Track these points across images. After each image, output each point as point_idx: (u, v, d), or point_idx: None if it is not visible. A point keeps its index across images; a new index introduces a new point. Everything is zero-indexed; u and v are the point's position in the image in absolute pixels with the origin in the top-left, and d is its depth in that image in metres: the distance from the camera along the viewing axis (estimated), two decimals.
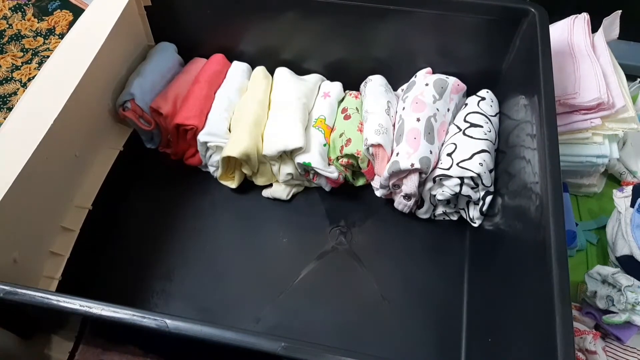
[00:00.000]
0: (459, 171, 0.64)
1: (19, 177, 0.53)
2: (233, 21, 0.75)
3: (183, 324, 0.41)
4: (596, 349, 0.58)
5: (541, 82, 0.56)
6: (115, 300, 0.43)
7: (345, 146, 0.69)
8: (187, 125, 0.71)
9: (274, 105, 0.74)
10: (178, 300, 0.65)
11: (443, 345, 0.62)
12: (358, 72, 0.76)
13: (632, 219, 0.66)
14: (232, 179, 0.74)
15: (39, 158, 0.56)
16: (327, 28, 0.73)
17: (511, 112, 0.67)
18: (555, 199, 0.47)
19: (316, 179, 0.73)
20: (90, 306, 0.42)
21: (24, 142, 0.56)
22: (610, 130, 0.68)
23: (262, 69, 0.78)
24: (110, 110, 0.73)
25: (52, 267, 0.62)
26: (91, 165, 0.70)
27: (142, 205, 0.74)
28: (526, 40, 0.64)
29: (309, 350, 0.41)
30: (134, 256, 0.69)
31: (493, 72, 0.72)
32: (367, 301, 0.65)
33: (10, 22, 1.05)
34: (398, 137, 0.67)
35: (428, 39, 0.71)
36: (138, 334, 0.43)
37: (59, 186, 0.63)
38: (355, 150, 0.68)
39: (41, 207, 0.60)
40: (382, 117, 0.69)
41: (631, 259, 0.65)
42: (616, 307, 0.59)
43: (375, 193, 0.72)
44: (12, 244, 0.55)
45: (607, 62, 0.70)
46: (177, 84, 0.75)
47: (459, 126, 0.69)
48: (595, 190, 0.76)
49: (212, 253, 0.70)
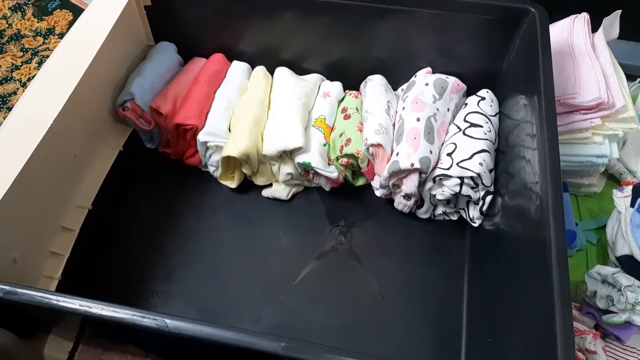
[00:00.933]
0: (458, 171, 0.64)
1: (19, 177, 0.53)
2: (233, 21, 0.75)
3: (183, 323, 0.41)
4: (596, 349, 0.58)
5: (541, 82, 0.56)
6: (115, 300, 0.43)
7: (345, 146, 0.69)
8: (187, 125, 0.71)
9: (274, 105, 0.74)
10: (178, 300, 0.65)
11: (443, 345, 0.62)
12: (358, 72, 0.76)
13: (632, 219, 0.66)
14: (232, 178, 0.74)
15: (39, 158, 0.56)
16: (327, 28, 0.73)
17: (511, 112, 0.67)
18: (555, 199, 0.47)
19: (316, 178, 0.73)
20: (90, 306, 0.42)
21: (24, 142, 0.56)
22: (610, 130, 0.68)
23: (262, 68, 0.78)
24: (110, 110, 0.73)
25: (52, 267, 0.62)
26: (91, 165, 0.70)
27: (142, 205, 0.74)
28: (526, 40, 0.64)
29: (309, 350, 0.41)
30: (134, 256, 0.69)
31: (493, 72, 0.72)
32: (367, 301, 0.65)
33: (10, 21, 1.05)
34: (398, 136, 0.67)
35: (428, 39, 0.71)
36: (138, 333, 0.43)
37: (59, 186, 0.63)
38: (355, 150, 0.68)
39: (41, 207, 0.60)
40: (382, 117, 0.69)
41: (631, 258, 0.65)
42: (616, 307, 0.59)
43: (375, 193, 0.72)
44: (12, 243, 0.55)
45: (607, 62, 0.70)
46: (177, 83, 0.75)
47: (459, 126, 0.69)
48: (595, 190, 0.76)
49: (212, 253, 0.69)
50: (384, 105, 0.70)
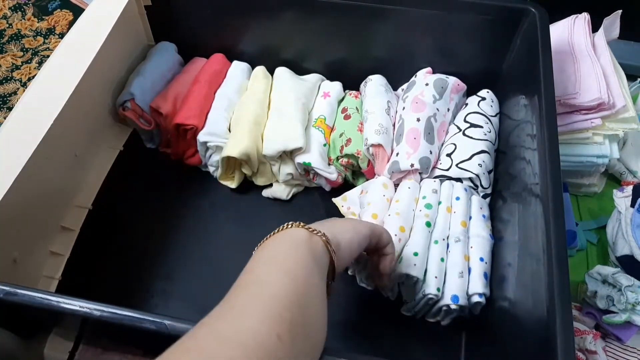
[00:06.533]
0: (457, 172, 0.64)
1: (19, 177, 0.53)
2: (233, 21, 0.75)
3: (183, 325, 0.41)
4: (596, 349, 0.58)
5: (541, 82, 0.56)
6: (115, 300, 0.43)
7: (345, 146, 0.69)
8: (187, 125, 0.71)
9: (274, 105, 0.74)
10: (178, 300, 0.65)
11: (443, 344, 0.62)
12: (358, 72, 0.76)
13: (632, 219, 0.65)
14: (232, 179, 0.74)
15: (39, 158, 0.56)
16: (327, 28, 0.72)
17: (511, 112, 0.67)
18: (555, 199, 0.47)
19: (316, 179, 0.73)
20: (90, 307, 0.42)
21: (24, 142, 0.56)
22: (611, 130, 0.68)
23: (262, 68, 0.78)
24: (110, 110, 0.73)
25: (52, 267, 0.62)
26: (91, 165, 0.70)
27: (142, 205, 0.74)
28: (526, 40, 0.64)
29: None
30: (134, 256, 0.69)
31: (493, 72, 0.72)
32: (367, 301, 0.65)
33: (10, 21, 1.05)
34: (398, 137, 0.67)
35: (428, 38, 0.71)
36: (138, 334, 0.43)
37: (59, 186, 0.63)
38: (355, 150, 0.68)
39: (41, 207, 0.60)
40: (382, 117, 0.68)
41: (631, 258, 0.64)
42: (616, 307, 0.59)
43: None
44: (12, 244, 0.55)
45: (607, 62, 0.70)
46: (177, 83, 0.75)
47: (459, 126, 0.69)
48: (595, 190, 0.76)
49: (212, 253, 0.69)
50: (384, 105, 0.70)
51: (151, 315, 0.42)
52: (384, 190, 0.65)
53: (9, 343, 0.53)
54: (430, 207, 0.61)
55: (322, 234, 0.43)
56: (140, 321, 0.42)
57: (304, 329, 0.36)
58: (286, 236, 0.43)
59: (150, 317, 0.42)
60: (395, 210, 0.61)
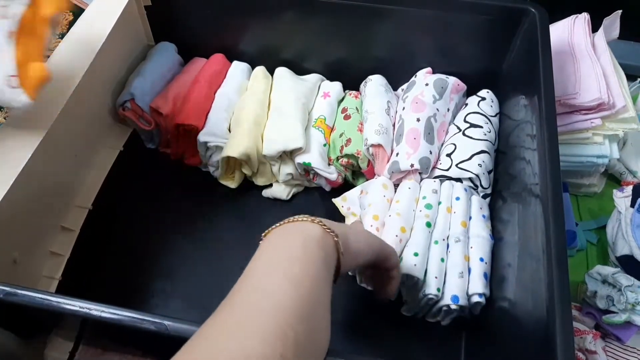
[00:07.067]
0: (457, 172, 0.64)
1: (19, 177, 0.53)
2: (233, 21, 0.75)
3: (183, 325, 0.41)
4: (596, 349, 0.58)
5: (541, 82, 0.56)
6: (115, 300, 0.43)
7: (345, 146, 0.69)
8: (187, 125, 0.71)
9: (274, 105, 0.74)
10: (178, 301, 0.65)
11: (443, 344, 0.62)
12: (358, 72, 0.76)
13: (632, 219, 0.65)
14: (232, 179, 0.74)
15: (39, 158, 0.56)
16: (327, 28, 0.72)
17: (511, 113, 0.67)
18: (555, 199, 0.47)
19: (316, 179, 0.73)
20: (90, 308, 0.42)
21: (24, 142, 0.56)
22: (611, 130, 0.68)
23: (262, 68, 0.78)
24: (110, 110, 0.73)
25: (52, 267, 0.62)
26: (91, 165, 0.70)
27: (142, 205, 0.74)
28: (526, 40, 0.64)
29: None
30: (134, 256, 0.69)
31: (493, 72, 0.72)
32: (367, 301, 0.65)
33: None
34: (398, 137, 0.67)
35: (428, 39, 0.71)
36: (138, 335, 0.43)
37: (59, 186, 0.63)
38: (355, 150, 0.68)
39: (41, 207, 0.60)
40: (382, 117, 0.68)
41: (631, 259, 0.64)
42: (616, 307, 0.59)
43: None
44: (12, 244, 0.55)
45: (607, 62, 0.70)
46: (177, 84, 0.75)
47: (459, 126, 0.69)
48: (595, 190, 0.76)
49: (212, 253, 0.69)
50: (384, 105, 0.70)
51: (151, 316, 0.42)
52: (384, 191, 0.65)
53: (9, 343, 0.53)
54: (431, 207, 0.61)
55: (335, 234, 0.42)
56: (140, 322, 0.42)
57: (308, 343, 0.34)
58: (297, 230, 0.41)
59: (150, 318, 0.42)
60: (395, 211, 0.61)
